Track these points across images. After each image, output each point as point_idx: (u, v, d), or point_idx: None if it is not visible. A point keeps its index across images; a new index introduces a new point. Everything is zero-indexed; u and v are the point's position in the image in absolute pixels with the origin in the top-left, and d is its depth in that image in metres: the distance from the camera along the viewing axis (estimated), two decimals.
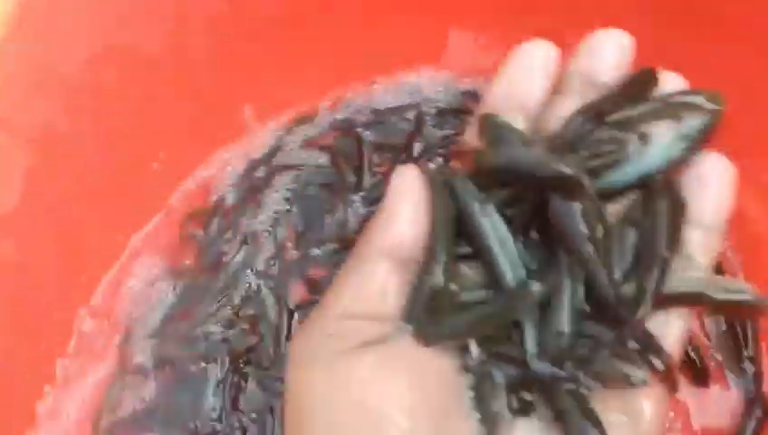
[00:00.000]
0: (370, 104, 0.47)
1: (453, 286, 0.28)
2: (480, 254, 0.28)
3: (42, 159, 0.38)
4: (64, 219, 0.40)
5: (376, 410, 0.26)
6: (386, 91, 0.47)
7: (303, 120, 0.46)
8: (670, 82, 0.30)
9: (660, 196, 0.27)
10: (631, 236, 0.27)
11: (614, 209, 0.28)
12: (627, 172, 0.27)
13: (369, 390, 0.26)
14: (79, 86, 0.39)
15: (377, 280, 0.28)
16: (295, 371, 0.28)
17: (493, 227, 0.28)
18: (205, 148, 0.46)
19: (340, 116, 0.46)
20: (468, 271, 0.29)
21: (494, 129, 0.29)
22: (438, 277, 0.27)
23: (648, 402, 0.27)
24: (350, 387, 0.26)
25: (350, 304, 0.28)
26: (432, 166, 0.32)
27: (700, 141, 0.27)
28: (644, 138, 0.27)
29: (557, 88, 0.31)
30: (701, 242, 0.28)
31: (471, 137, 0.31)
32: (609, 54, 0.30)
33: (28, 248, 0.38)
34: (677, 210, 0.27)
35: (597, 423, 0.26)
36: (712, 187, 0.28)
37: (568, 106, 0.30)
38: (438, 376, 0.27)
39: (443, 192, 0.29)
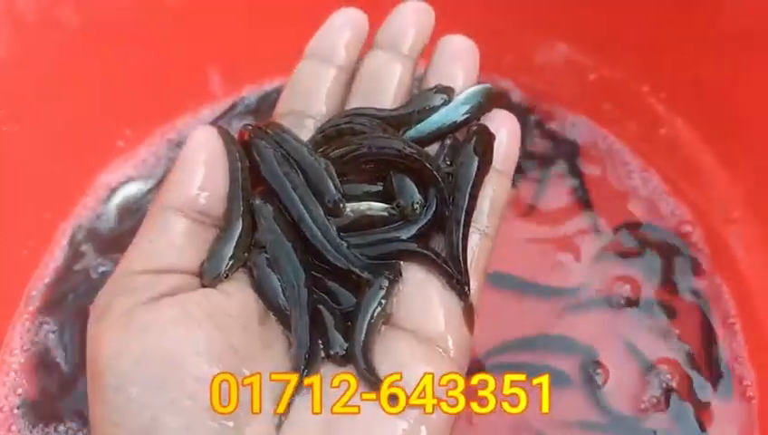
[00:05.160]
0: None
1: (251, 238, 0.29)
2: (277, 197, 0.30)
3: None
4: None
5: (171, 355, 0.25)
6: None
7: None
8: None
9: (467, 143, 0.32)
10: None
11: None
12: (432, 123, 0.33)
13: (164, 337, 0.26)
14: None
15: (170, 235, 0.28)
16: (92, 328, 0.27)
17: (284, 173, 0.30)
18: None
19: None
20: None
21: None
22: (236, 230, 0.29)
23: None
24: (145, 336, 0.26)
25: (144, 259, 0.28)
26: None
27: (482, 103, 0.34)
28: (446, 98, 0.34)
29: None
30: (495, 181, 0.32)
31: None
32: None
33: None
34: (482, 155, 0.32)
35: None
36: (500, 137, 0.33)
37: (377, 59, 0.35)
38: (242, 320, 0.27)
39: (237, 148, 0.30)
